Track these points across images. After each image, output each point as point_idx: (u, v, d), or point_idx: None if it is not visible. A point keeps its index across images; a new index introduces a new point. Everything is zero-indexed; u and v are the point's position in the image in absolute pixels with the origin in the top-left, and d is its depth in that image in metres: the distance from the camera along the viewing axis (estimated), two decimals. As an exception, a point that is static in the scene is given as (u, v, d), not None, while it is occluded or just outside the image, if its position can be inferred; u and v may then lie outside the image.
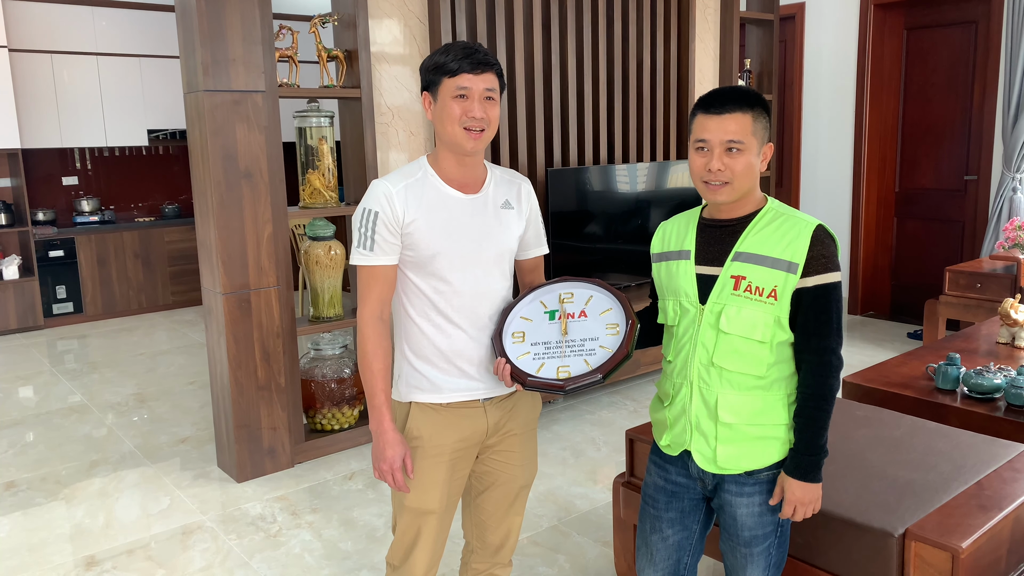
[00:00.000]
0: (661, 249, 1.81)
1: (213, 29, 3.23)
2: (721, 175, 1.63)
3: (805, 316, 1.63)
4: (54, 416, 4.41)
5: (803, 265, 1.60)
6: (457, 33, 3.88)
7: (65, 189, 7.08)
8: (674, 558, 1.84)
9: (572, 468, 3.55)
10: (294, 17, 7.07)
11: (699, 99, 1.68)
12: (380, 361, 1.74)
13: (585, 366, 1.73)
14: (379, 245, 1.73)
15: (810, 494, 1.66)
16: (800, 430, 1.65)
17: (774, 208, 1.69)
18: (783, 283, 1.61)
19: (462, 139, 1.72)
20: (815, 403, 1.64)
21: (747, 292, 1.63)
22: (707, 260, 1.70)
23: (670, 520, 1.82)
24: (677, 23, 4.82)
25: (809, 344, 1.64)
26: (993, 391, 2.72)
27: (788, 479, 1.66)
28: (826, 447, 1.66)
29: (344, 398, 3.77)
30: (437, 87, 1.72)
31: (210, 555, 2.91)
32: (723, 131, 1.61)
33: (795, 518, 1.69)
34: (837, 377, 1.64)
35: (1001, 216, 5.14)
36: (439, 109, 1.73)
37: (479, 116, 1.71)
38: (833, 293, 1.62)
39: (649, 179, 4.57)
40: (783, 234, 1.63)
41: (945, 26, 5.50)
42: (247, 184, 3.38)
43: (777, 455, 1.69)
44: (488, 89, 1.72)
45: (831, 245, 1.63)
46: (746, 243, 1.65)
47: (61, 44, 6.61)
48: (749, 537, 1.73)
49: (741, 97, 1.63)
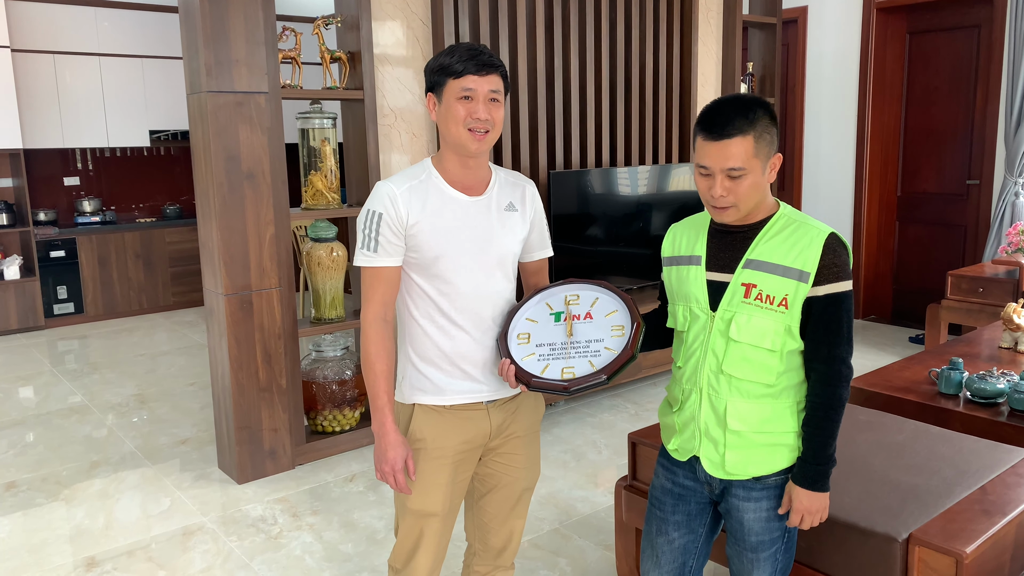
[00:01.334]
0: (672, 253, 1.79)
1: (216, 30, 3.23)
2: (724, 200, 1.60)
3: (815, 325, 1.61)
4: (54, 417, 4.41)
5: (815, 274, 1.58)
6: (460, 35, 3.87)
7: (67, 189, 7.08)
8: (679, 561, 1.83)
9: (573, 471, 3.54)
10: (297, 19, 7.07)
11: (700, 115, 1.61)
12: (383, 363, 1.74)
13: (590, 367, 1.73)
14: (383, 247, 1.72)
15: (817, 503, 1.65)
16: (808, 439, 1.64)
17: (786, 215, 1.66)
18: (794, 292, 1.59)
19: (466, 140, 1.72)
20: (824, 412, 1.62)
21: (758, 300, 1.61)
22: (718, 266, 1.68)
23: (676, 523, 1.81)
24: (680, 26, 4.82)
25: (819, 353, 1.62)
26: (996, 396, 2.71)
27: (796, 488, 1.65)
28: (834, 456, 1.65)
29: (345, 400, 3.76)
30: (442, 88, 1.72)
31: (211, 556, 2.90)
32: (724, 158, 1.56)
33: (802, 527, 1.68)
34: (847, 387, 1.63)
35: (1003, 221, 5.13)
36: (443, 110, 1.72)
37: (483, 117, 1.70)
38: (844, 302, 1.60)
39: (651, 182, 4.57)
40: (795, 242, 1.61)
41: (948, 30, 5.49)
42: (249, 185, 3.38)
43: (786, 462, 1.69)
44: (493, 91, 1.71)
45: (843, 254, 1.61)
46: (757, 250, 1.63)
47: (63, 44, 6.61)
48: (756, 542, 1.72)
49: (742, 114, 1.55)
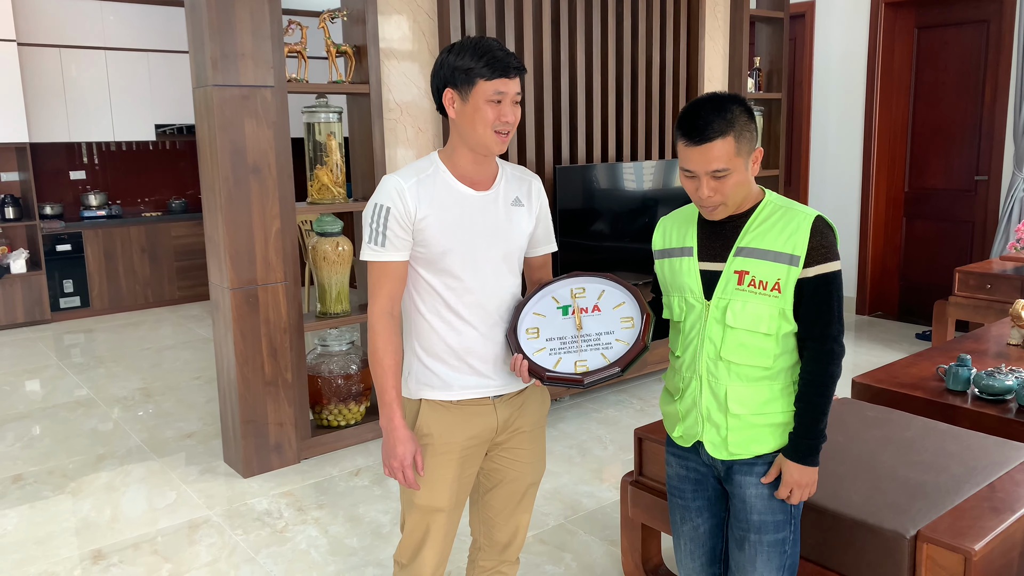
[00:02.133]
0: (663, 246, 1.84)
1: (222, 24, 3.23)
2: (712, 200, 1.66)
3: (807, 306, 1.66)
4: (61, 410, 4.42)
5: (804, 256, 1.63)
6: (466, 29, 3.86)
7: (73, 183, 7.09)
8: (708, 545, 1.87)
9: (578, 466, 3.54)
10: (303, 12, 7.05)
11: (679, 120, 1.65)
12: (391, 358, 1.74)
13: (603, 360, 1.73)
14: (391, 241, 1.72)
15: (807, 476, 1.69)
16: (800, 415, 1.69)
17: (773, 201, 1.72)
18: (786, 276, 1.64)
19: (492, 142, 1.72)
20: (817, 389, 1.67)
21: (751, 287, 1.66)
22: (710, 256, 1.73)
23: (698, 508, 1.85)
24: (687, 20, 4.80)
25: (812, 332, 1.67)
26: (1004, 393, 2.70)
27: (786, 461, 1.70)
28: (825, 432, 1.69)
29: (351, 394, 3.76)
30: (469, 88, 1.69)
31: (216, 550, 2.91)
32: (707, 162, 1.62)
33: (791, 500, 1.71)
34: (839, 364, 1.68)
35: (1012, 217, 5.11)
36: (470, 110, 1.70)
37: (512, 120, 1.71)
38: (834, 282, 1.66)
39: (656, 177, 4.55)
40: (783, 227, 1.66)
41: (956, 25, 5.46)
42: (255, 179, 3.37)
43: (786, 439, 1.73)
44: (518, 92, 1.73)
45: (830, 235, 1.66)
46: (747, 238, 1.68)
47: (69, 38, 6.62)
48: (758, 522, 1.73)
49: (720, 115, 1.59)
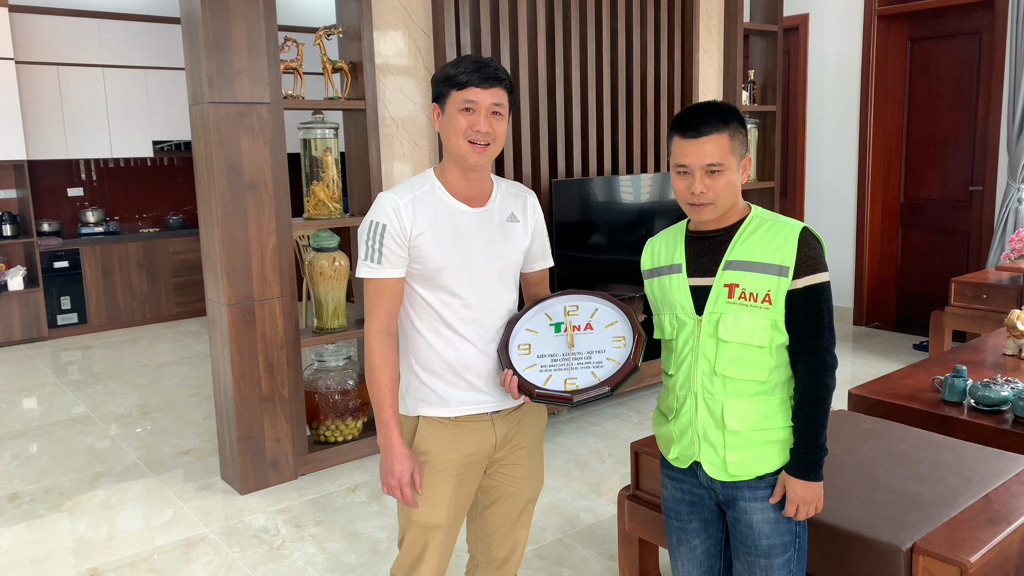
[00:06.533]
0: (652, 265, 1.84)
1: (219, 41, 3.24)
2: (704, 196, 1.66)
3: (798, 317, 1.66)
4: (57, 427, 4.41)
5: (793, 268, 1.64)
6: (462, 45, 3.89)
7: (70, 200, 7.10)
8: (707, 565, 1.86)
9: (576, 480, 3.54)
10: (299, 29, 7.10)
11: (674, 119, 1.70)
12: (388, 375, 1.74)
13: (593, 378, 1.73)
14: (387, 258, 1.72)
15: (812, 492, 1.67)
16: (799, 430, 1.68)
17: (759, 215, 1.73)
18: (776, 287, 1.65)
19: (466, 152, 1.72)
20: (813, 402, 1.66)
21: (742, 299, 1.66)
22: (699, 271, 1.73)
23: (695, 530, 1.83)
24: (681, 34, 4.83)
25: (804, 344, 1.67)
26: (1000, 403, 2.70)
27: (790, 479, 1.68)
28: (825, 445, 1.68)
29: (348, 410, 3.76)
30: (445, 99, 1.72)
31: (213, 567, 2.90)
32: (701, 155, 1.64)
33: (798, 517, 1.70)
34: (832, 375, 1.67)
35: (1007, 227, 5.13)
36: (445, 121, 1.73)
37: (484, 130, 1.71)
38: (823, 293, 1.66)
39: (653, 190, 4.57)
40: (770, 239, 1.67)
41: (949, 37, 5.50)
42: (252, 195, 3.38)
43: (787, 457, 1.71)
44: (496, 104, 1.72)
45: (817, 246, 1.67)
46: (735, 251, 1.69)
47: (67, 56, 6.64)
48: (767, 547, 1.72)
49: (716, 115, 1.64)
